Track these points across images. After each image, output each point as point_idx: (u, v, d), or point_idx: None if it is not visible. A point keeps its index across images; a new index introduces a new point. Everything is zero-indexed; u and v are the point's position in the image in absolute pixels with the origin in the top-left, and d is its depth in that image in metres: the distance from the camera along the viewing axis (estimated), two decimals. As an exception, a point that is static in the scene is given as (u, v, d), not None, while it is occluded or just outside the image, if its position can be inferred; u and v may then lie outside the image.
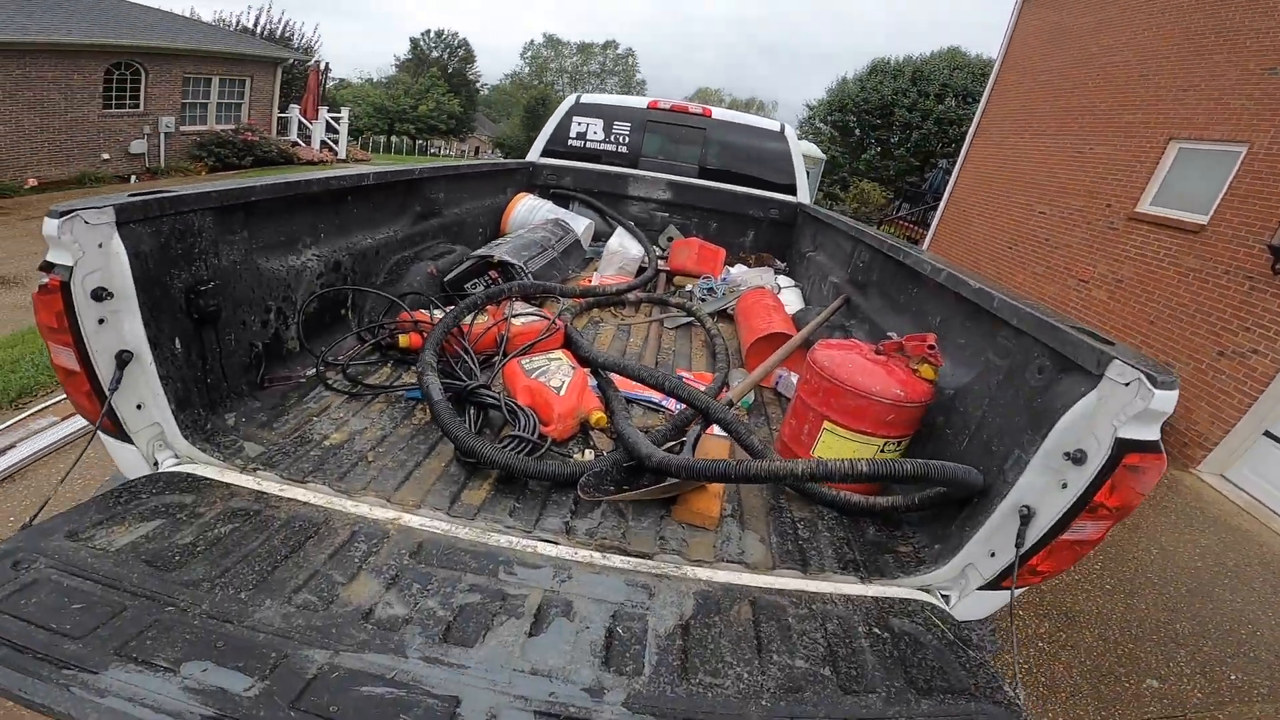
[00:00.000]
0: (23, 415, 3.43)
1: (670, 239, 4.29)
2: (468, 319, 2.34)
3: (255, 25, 21.10)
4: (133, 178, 12.64)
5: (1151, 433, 1.22)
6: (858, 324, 2.72)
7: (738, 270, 3.82)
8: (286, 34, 21.61)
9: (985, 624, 1.67)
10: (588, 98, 4.65)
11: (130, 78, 12.55)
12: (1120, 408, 1.22)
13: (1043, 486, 1.38)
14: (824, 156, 17.16)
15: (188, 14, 16.66)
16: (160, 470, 1.58)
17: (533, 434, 1.80)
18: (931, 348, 1.78)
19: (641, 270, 3.60)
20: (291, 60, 17.45)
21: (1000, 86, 10.72)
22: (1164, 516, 4.72)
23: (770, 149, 4.52)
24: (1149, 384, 1.16)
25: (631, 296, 3.19)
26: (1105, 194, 7.66)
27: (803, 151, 4.66)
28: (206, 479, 1.54)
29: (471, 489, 1.67)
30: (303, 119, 17.56)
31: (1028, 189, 9.37)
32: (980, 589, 1.52)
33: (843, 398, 1.77)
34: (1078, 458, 1.28)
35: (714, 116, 4.54)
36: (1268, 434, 5.15)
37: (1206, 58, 6.55)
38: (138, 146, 12.92)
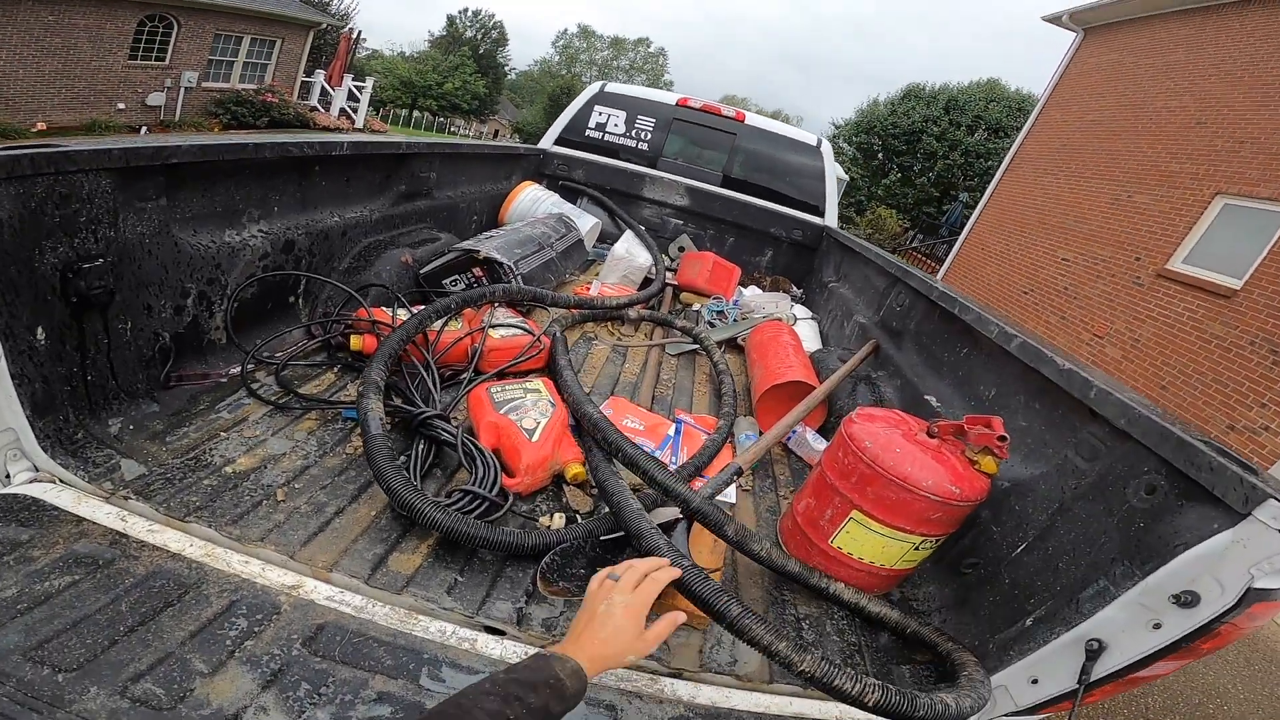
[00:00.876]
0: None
1: (681, 249, 3.95)
2: (436, 325, 1.97)
3: (297, -15, 20.67)
4: (144, 129, 12.51)
5: None
6: (887, 378, 2.35)
7: (751, 293, 3.47)
8: (325, -1, 21.24)
9: None
10: (613, 86, 4.30)
11: (162, 30, 12.39)
12: (1267, 556, 0.94)
13: (1127, 623, 1.09)
14: (847, 178, 16.86)
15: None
16: (3, 490, 1.23)
17: (491, 489, 1.43)
18: (1002, 438, 1.42)
19: (648, 282, 3.24)
20: (325, 25, 17.15)
21: (1042, 123, 10.38)
22: None
23: (803, 164, 4.18)
24: None
25: (632, 313, 2.80)
26: (1136, 246, 7.35)
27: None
28: (54, 508, 1.19)
29: (403, 552, 1.31)
30: (326, 85, 17.41)
31: (1054, 233, 9.05)
32: (1007, 715, 1.28)
33: (882, 487, 1.41)
34: (1187, 602, 1.01)
35: (746, 122, 4.19)
36: None
37: (1272, 110, 6.20)
38: (155, 99, 12.79)
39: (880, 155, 20.77)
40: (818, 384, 2.15)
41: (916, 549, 1.49)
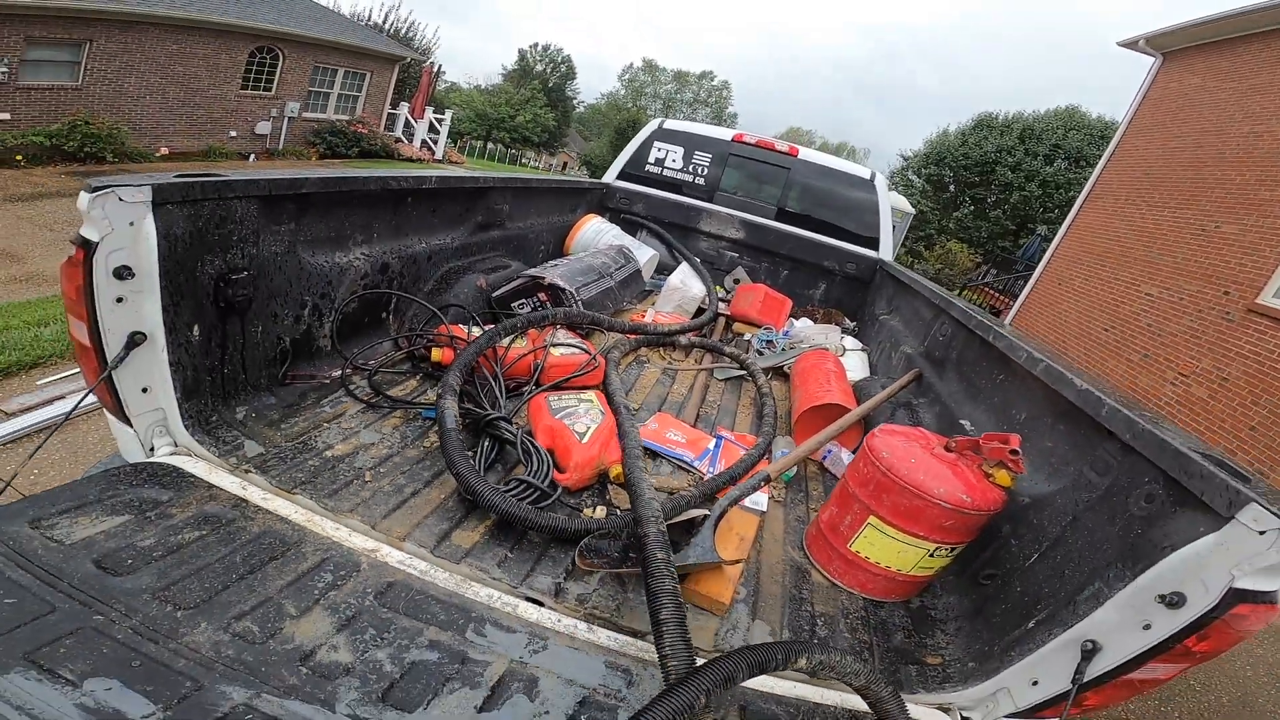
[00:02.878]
0: (57, 376, 3.57)
1: (737, 281, 4.08)
2: (505, 341, 2.23)
3: (384, 22, 22.47)
4: (252, 156, 13.68)
5: (1273, 584, 1.01)
6: (927, 405, 2.43)
7: (802, 324, 3.56)
8: (409, 34, 22.97)
9: None
10: (671, 123, 4.54)
11: (269, 61, 13.61)
12: (1247, 557, 1.01)
13: (1119, 624, 1.17)
14: (913, 211, 16.46)
15: (328, 4, 17.98)
16: (151, 459, 1.52)
17: (544, 480, 1.65)
18: (1015, 452, 1.51)
19: (700, 311, 3.40)
20: (409, 59, 18.43)
21: (1123, 151, 9.94)
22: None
23: (857, 198, 4.23)
24: None
25: (684, 339, 2.98)
26: (1225, 279, 6.92)
27: (891, 204, 4.37)
28: (190, 476, 1.47)
29: (465, 529, 1.54)
30: (409, 117, 18.50)
31: (1136, 266, 8.59)
32: (1010, 716, 1.34)
33: (897, 494, 1.53)
34: (1173, 601, 1.08)
35: (800, 156, 4.32)
36: None
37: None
38: (263, 128, 13.97)
39: (951, 187, 20.20)
40: (855, 406, 2.26)
41: (931, 555, 1.57)
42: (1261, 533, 0.99)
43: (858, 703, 1.31)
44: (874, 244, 4.18)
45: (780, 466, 1.78)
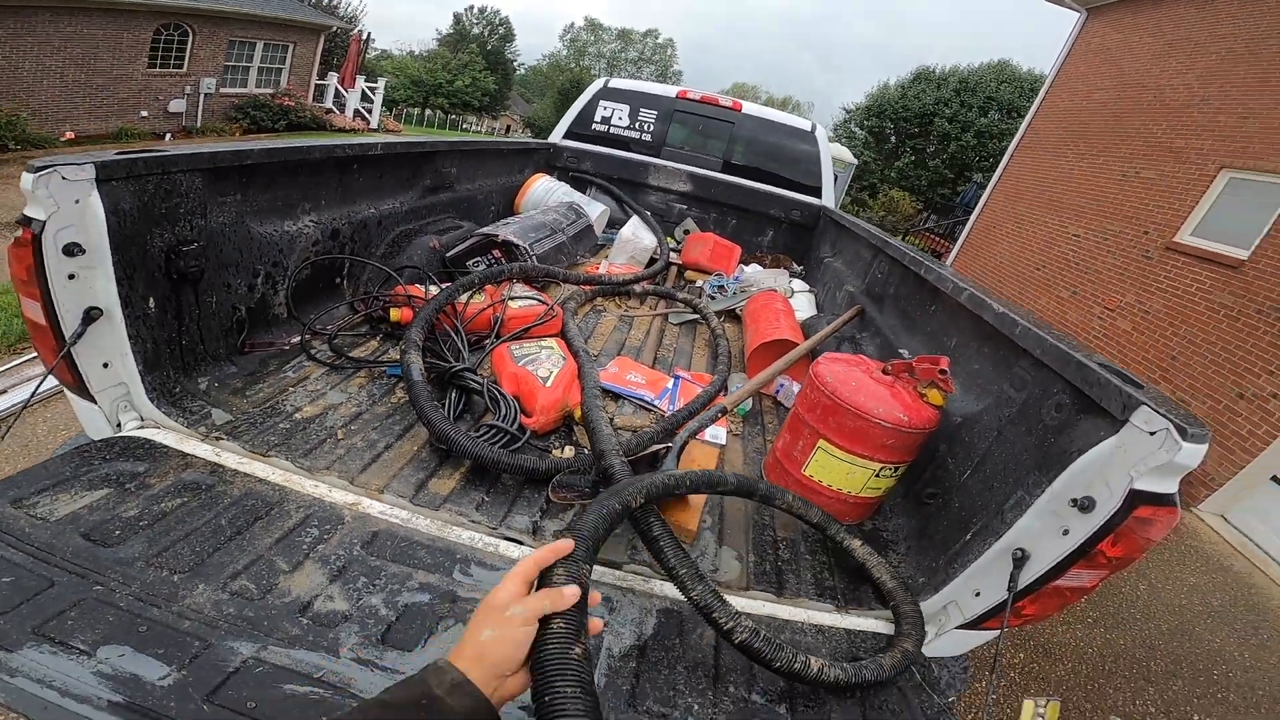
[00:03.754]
0: (18, 361, 3.42)
1: (687, 232, 4.19)
2: (463, 297, 2.26)
3: (306, -10, 21.03)
4: (168, 135, 12.85)
5: (1169, 485, 1.11)
6: (869, 337, 2.60)
7: (752, 270, 3.71)
8: (333, 2, 21.59)
9: (959, 662, 1.60)
10: (616, 82, 4.54)
11: (178, 38, 12.71)
12: (1141, 457, 1.10)
13: (1042, 531, 1.28)
14: (855, 161, 16.84)
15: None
16: (120, 434, 1.53)
17: (512, 424, 1.72)
18: (943, 372, 1.66)
19: (653, 261, 3.51)
20: (335, 28, 17.44)
21: (1049, 103, 10.35)
22: (1157, 553, 4.59)
23: (799, 149, 4.39)
24: (1177, 435, 1.05)
25: (638, 288, 3.09)
26: (1145, 221, 7.39)
27: (833, 155, 4.52)
28: (163, 446, 1.48)
29: (441, 477, 1.60)
30: (339, 87, 17.65)
31: (1064, 210, 9.06)
32: (959, 628, 1.45)
33: (841, 416, 1.67)
34: (1085, 505, 1.18)
35: (744, 111, 4.42)
36: (1275, 479, 4.99)
37: (1273, 87, 6.23)
38: (176, 105, 13.14)
39: (892, 138, 20.63)
40: (802, 340, 2.40)
41: (878, 476, 1.72)
42: (1152, 433, 1.08)
43: (825, 619, 1.45)
44: (817, 192, 4.35)
45: (735, 399, 1.90)
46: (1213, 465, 5.31)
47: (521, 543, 1.45)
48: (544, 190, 3.71)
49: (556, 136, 4.48)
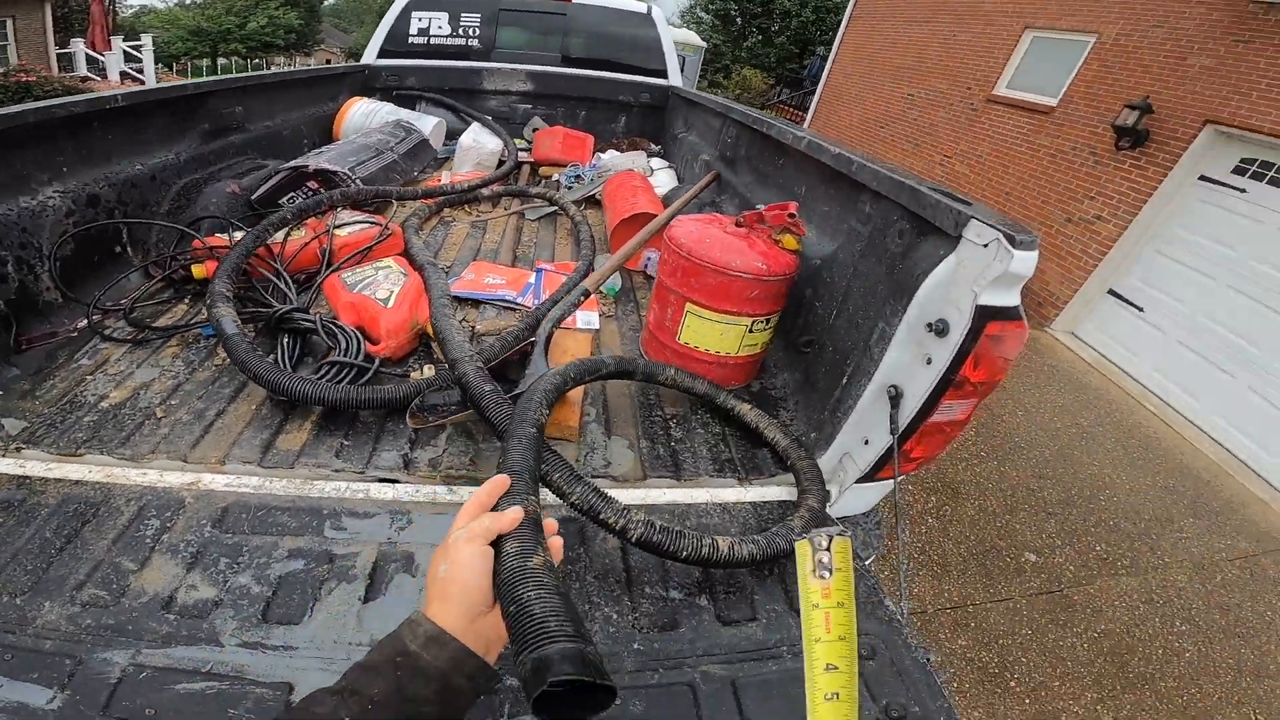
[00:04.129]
0: None
1: (535, 130, 3.97)
2: (278, 236, 1.97)
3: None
4: None
5: (1012, 298, 1.14)
6: (728, 199, 2.60)
7: (609, 156, 3.61)
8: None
9: (870, 519, 1.66)
10: None
11: None
12: (979, 271, 1.13)
13: (908, 363, 1.31)
14: (704, 44, 16.64)
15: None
16: None
17: (357, 356, 1.55)
18: (792, 216, 1.65)
19: (502, 164, 3.30)
20: (55, -9, 14.40)
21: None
22: (1025, 376, 5.13)
23: (638, 34, 4.28)
24: (1008, 244, 1.07)
25: (486, 191, 2.90)
26: (967, 78, 7.94)
27: (682, 39, 4.43)
28: (-47, 471, 1.22)
29: (289, 432, 1.43)
30: (91, 52, 15.09)
31: (898, 73, 9.51)
32: (859, 482, 1.48)
33: (702, 276, 1.63)
34: (940, 329, 1.20)
35: (576, 2, 4.16)
36: (1112, 292, 5.70)
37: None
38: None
39: (738, 19, 20.41)
40: (663, 212, 2.34)
41: (751, 331, 1.72)
42: (985, 245, 1.11)
43: (729, 495, 1.45)
44: (662, 73, 4.29)
45: (596, 278, 1.82)
46: (1056, 285, 6.03)
47: (396, 481, 1.34)
48: (364, 113, 3.31)
49: (369, 57, 4.04)
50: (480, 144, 3.28)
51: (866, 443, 1.42)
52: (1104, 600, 3.13)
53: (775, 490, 1.49)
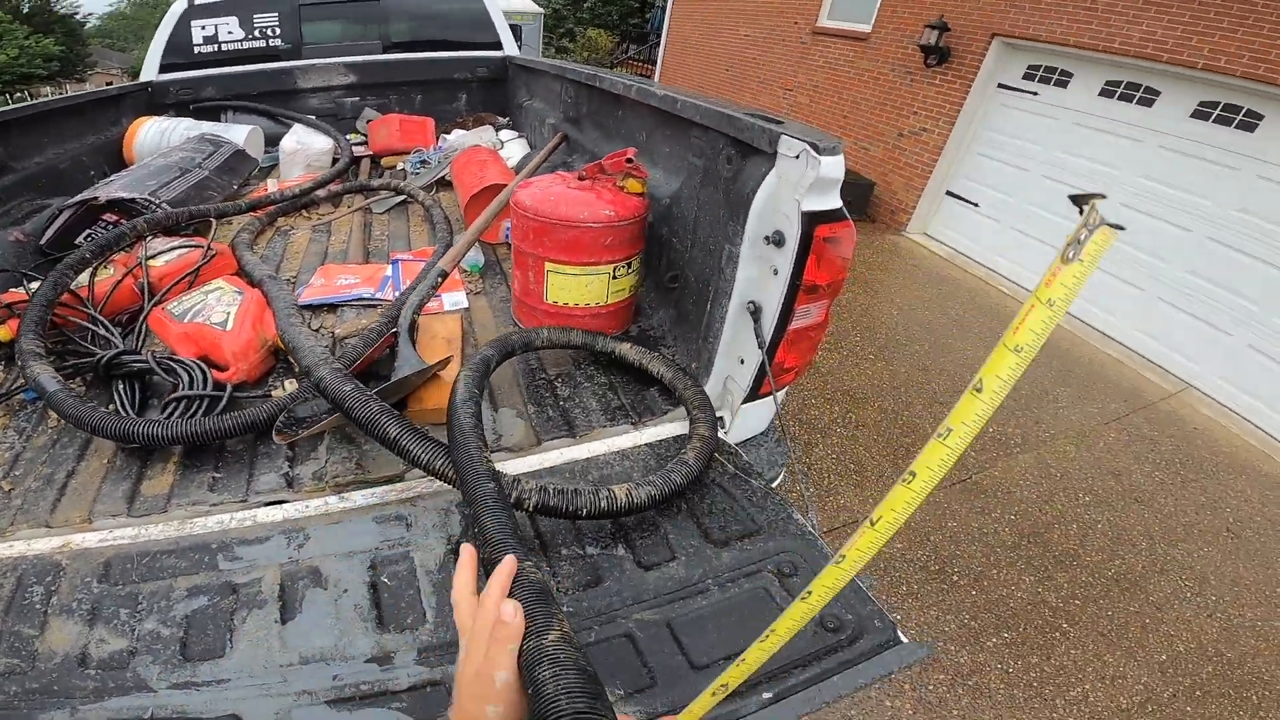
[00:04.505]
0: None
1: (369, 121, 3.73)
2: (83, 279, 1.75)
3: None
4: None
5: (832, 201, 1.24)
6: (579, 158, 2.60)
7: (455, 135, 3.48)
8: None
9: (769, 437, 1.73)
10: None
11: None
12: (797, 181, 1.22)
13: (759, 277, 1.39)
14: (541, 10, 16.21)
15: None
16: None
17: (206, 387, 1.43)
18: (630, 160, 1.69)
19: (336, 162, 3.09)
20: None
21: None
22: (893, 277, 5.56)
23: (463, 9, 4.08)
24: (814, 152, 1.17)
25: (323, 192, 2.72)
26: (793, 13, 8.31)
27: (520, 9, 4.29)
28: None
29: (152, 478, 1.33)
30: None
31: (733, 15, 9.77)
32: (746, 401, 1.53)
33: (555, 233, 1.64)
34: (777, 240, 1.29)
35: None
36: (949, 193, 6.29)
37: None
38: None
39: (572, -18, 19.99)
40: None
41: (615, 278, 1.75)
42: (796, 156, 1.21)
43: (624, 441, 1.46)
44: (496, 45, 4.13)
45: (450, 257, 1.78)
46: (902, 194, 6.56)
47: (283, 501, 1.28)
48: (158, 133, 2.95)
49: (150, 74, 3.56)
50: (306, 145, 3.05)
51: (742, 361, 1.49)
52: (1009, 481, 3.27)
53: (669, 427, 1.53)
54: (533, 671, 0.56)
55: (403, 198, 2.78)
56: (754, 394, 1.52)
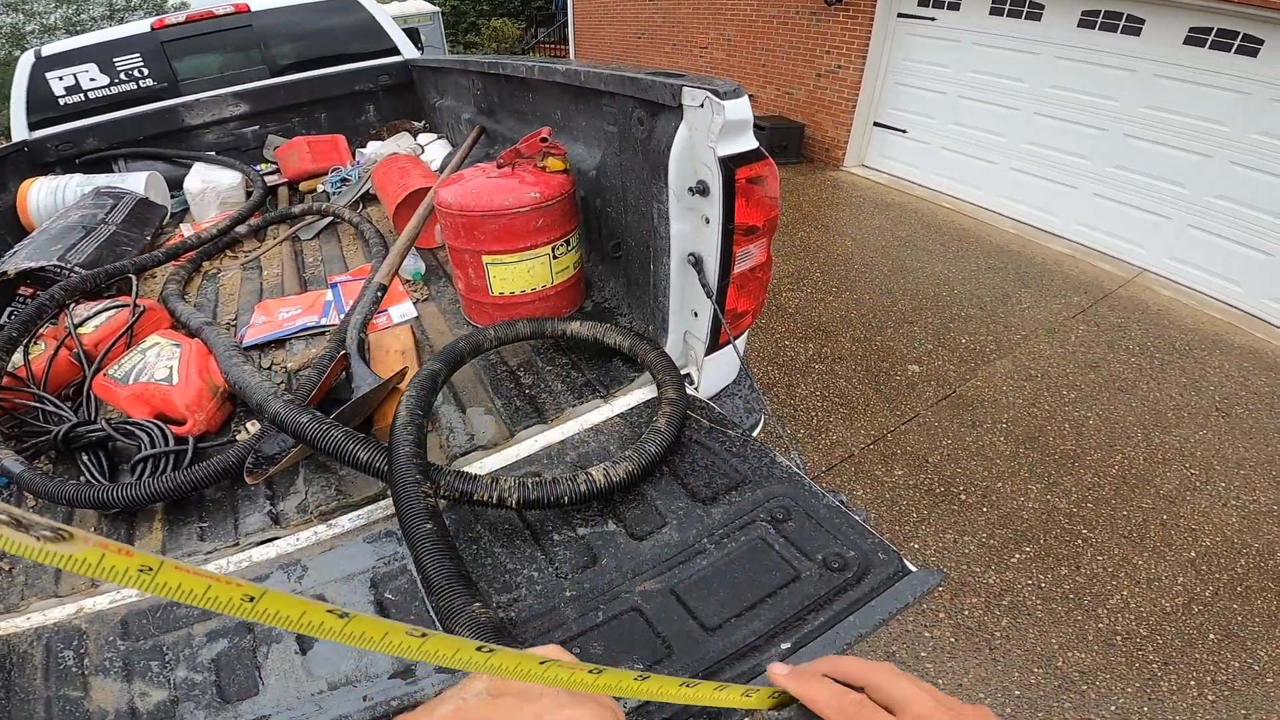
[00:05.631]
0: None
1: (276, 149, 3.61)
2: (17, 360, 1.69)
3: None
4: None
5: (747, 143, 1.26)
6: (501, 148, 2.56)
7: (371, 148, 3.39)
8: None
9: (742, 385, 1.74)
10: (51, 48, 3.44)
11: None
12: (707, 128, 1.25)
13: (693, 229, 1.41)
14: (437, 8, 15.67)
15: None
16: None
17: (168, 444, 1.42)
18: (545, 139, 1.69)
19: (250, 196, 3.00)
20: None
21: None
22: (841, 211, 5.66)
23: (346, 19, 3.92)
24: (717, 98, 1.19)
25: (243, 228, 2.64)
26: None
27: (414, 10, 4.16)
28: None
29: (141, 538, 1.34)
30: None
31: (633, -21, 9.58)
32: (708, 355, 1.54)
33: (485, 225, 1.64)
34: (702, 190, 1.32)
35: (255, 9, 3.71)
36: (876, 124, 6.43)
37: None
38: None
39: (461, -28, 19.30)
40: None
41: (556, 257, 1.76)
42: (700, 105, 1.23)
43: (596, 416, 1.47)
44: (393, 50, 4.00)
45: (385, 270, 1.77)
46: (833, 131, 6.64)
47: (274, 538, 1.28)
48: (50, 192, 2.80)
49: (19, 133, 3.37)
50: (213, 182, 2.94)
51: (696, 315, 1.51)
52: (992, 389, 3.25)
53: (639, 394, 1.54)
54: None
55: (329, 219, 2.72)
56: (714, 345, 1.54)
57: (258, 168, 3.48)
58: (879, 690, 0.45)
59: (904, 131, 6.17)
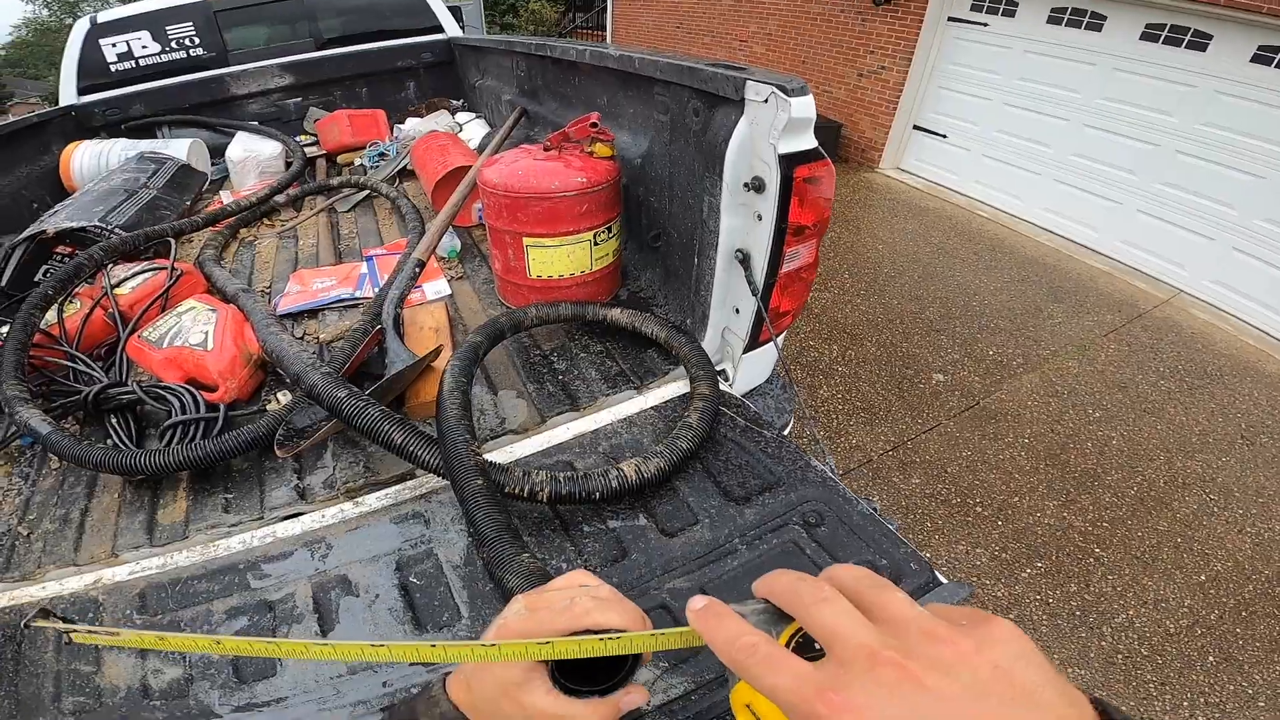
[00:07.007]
0: None
1: (316, 120, 3.62)
2: (51, 317, 1.69)
3: None
4: None
5: (808, 141, 1.23)
6: (541, 130, 2.54)
7: (410, 124, 3.38)
8: None
9: (774, 385, 1.72)
10: (105, 15, 3.48)
11: None
12: (770, 124, 1.21)
13: (743, 225, 1.38)
14: (475, -10, 15.71)
15: None
16: None
17: (199, 410, 1.40)
18: (595, 125, 1.65)
19: (290, 166, 3.01)
20: None
21: None
22: (873, 213, 5.54)
23: None
24: (783, 95, 1.16)
25: (282, 198, 2.65)
26: None
27: None
28: None
29: (166, 506, 1.32)
30: None
31: (678, -31, 9.49)
32: (745, 353, 1.52)
33: (529, 207, 1.60)
34: (757, 186, 1.28)
35: None
36: (917, 127, 6.28)
37: None
38: None
39: (505, -46, 19.26)
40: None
41: (596, 244, 1.72)
42: (765, 100, 1.19)
43: (630, 408, 1.45)
44: (438, 28, 4.00)
45: (424, 246, 1.74)
46: (870, 132, 6.50)
47: (299, 514, 1.27)
48: (94, 156, 2.83)
49: (68, 98, 3.41)
50: (255, 152, 2.95)
51: (738, 311, 1.48)
52: (1017, 403, 3.19)
53: (673, 387, 1.52)
54: None
55: (366, 193, 2.71)
56: (753, 343, 1.52)
57: (298, 139, 3.49)
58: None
59: (944, 136, 6.03)
